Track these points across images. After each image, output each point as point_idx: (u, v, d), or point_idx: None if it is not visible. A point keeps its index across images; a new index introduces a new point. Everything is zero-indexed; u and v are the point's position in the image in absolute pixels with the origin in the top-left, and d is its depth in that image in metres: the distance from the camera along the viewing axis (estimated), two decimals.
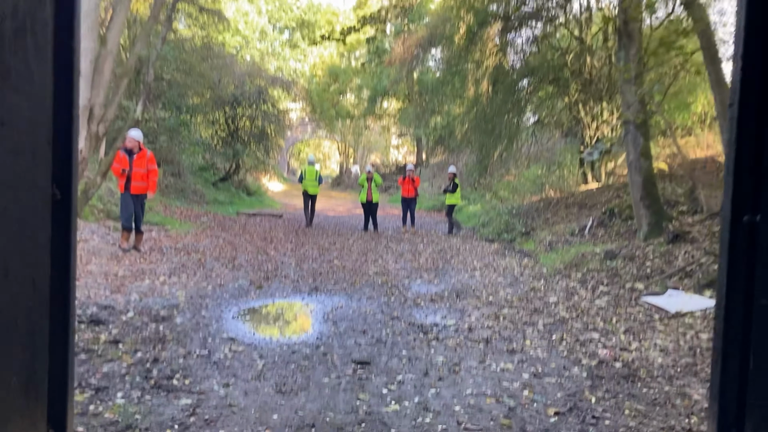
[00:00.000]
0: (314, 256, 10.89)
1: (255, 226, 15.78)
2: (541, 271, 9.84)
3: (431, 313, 6.84)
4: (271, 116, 25.13)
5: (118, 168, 9.56)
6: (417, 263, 10.61)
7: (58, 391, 1.96)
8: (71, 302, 2.00)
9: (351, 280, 8.72)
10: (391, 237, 14.84)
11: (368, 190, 15.71)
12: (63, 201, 1.90)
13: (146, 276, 8.04)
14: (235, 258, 10.07)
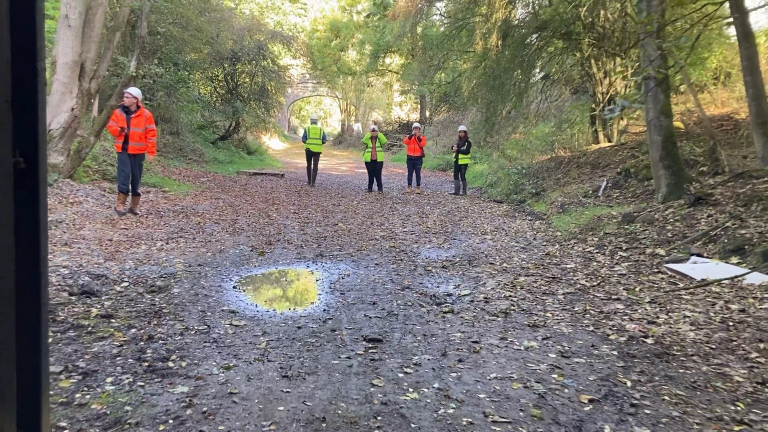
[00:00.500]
0: (318, 219, 10.49)
1: (256, 186, 15.35)
2: (555, 235, 9.45)
3: (444, 281, 6.46)
4: (271, 73, 24.42)
5: (116, 127, 9.04)
6: (425, 226, 10.22)
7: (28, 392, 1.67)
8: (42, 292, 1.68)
9: (357, 245, 8.33)
10: (397, 198, 14.42)
11: (373, 150, 15.23)
12: (29, 170, 1.58)
13: (143, 241, 7.66)
14: (236, 221, 9.68)
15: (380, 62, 35.36)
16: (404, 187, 17.00)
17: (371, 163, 15.31)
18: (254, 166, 21.87)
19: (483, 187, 17.00)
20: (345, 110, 54.99)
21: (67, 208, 8.72)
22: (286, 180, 17.95)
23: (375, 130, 15.54)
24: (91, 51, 9.88)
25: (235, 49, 22.73)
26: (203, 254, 7.18)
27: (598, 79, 15.95)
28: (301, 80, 48.27)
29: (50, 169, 9.50)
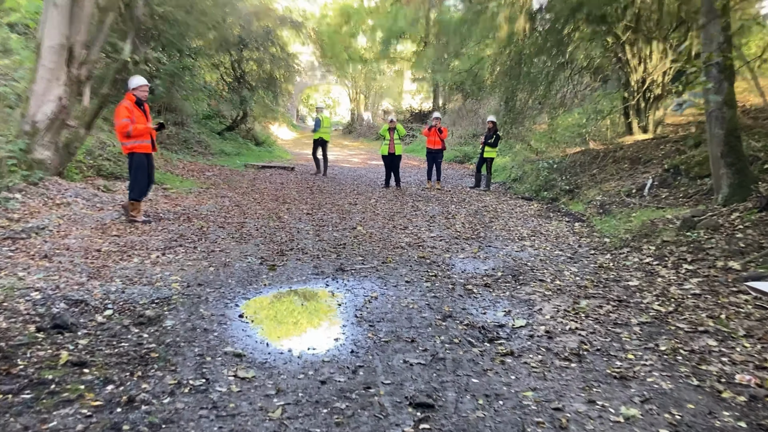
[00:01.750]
0: (334, 221, 9.44)
1: (265, 181, 14.31)
2: (602, 242, 8.36)
3: (490, 305, 5.41)
4: (280, 60, 23.30)
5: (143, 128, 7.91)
6: (454, 230, 9.15)
7: None
8: None
9: (381, 254, 7.27)
10: (417, 195, 13.34)
11: (390, 142, 14.13)
12: None
13: (135, 252, 6.63)
14: (243, 225, 8.64)
15: (392, 49, 34.16)
16: (423, 182, 15.92)
17: (389, 156, 14.23)
18: (263, 158, 20.82)
19: (507, 182, 15.90)
20: (354, 99, 53.86)
21: (53, 212, 7.70)
22: (296, 174, 16.90)
23: (393, 120, 14.43)
24: (81, 33, 8.81)
25: (243, 35, 21.61)
26: (205, 269, 6.14)
27: (633, 66, 14.76)
28: (309, 68, 47.12)
29: (35, 166, 8.49)
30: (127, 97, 7.91)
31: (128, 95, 7.93)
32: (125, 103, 7.83)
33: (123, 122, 7.70)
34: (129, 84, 8.02)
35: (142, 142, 8.02)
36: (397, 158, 14.29)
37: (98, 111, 9.11)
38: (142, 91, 8.02)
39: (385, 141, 14.23)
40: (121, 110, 7.75)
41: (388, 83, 50.83)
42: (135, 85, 7.98)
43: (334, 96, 66.87)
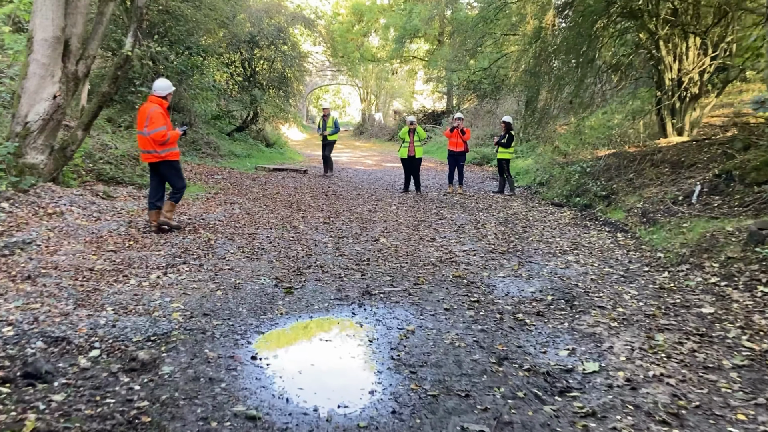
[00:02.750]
0: (354, 231, 8.59)
1: (277, 185, 13.49)
2: (655, 257, 7.47)
3: (549, 341, 4.55)
4: (291, 58, 22.48)
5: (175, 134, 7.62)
6: (486, 241, 8.28)
7: None
8: None
9: (411, 273, 6.42)
10: (439, 200, 12.48)
11: (410, 145, 13.28)
12: None
13: (133, 271, 5.81)
14: (255, 237, 7.81)
15: (406, 48, 33.31)
16: (443, 186, 15.06)
17: (408, 159, 13.37)
18: (274, 160, 20.02)
19: (532, 186, 15.01)
20: (365, 99, 53.10)
21: (43, 223, 6.89)
22: (309, 177, 16.08)
23: (413, 122, 13.55)
24: (78, 25, 8.02)
25: (253, 32, 20.83)
26: (211, 293, 5.31)
27: (667, 64, 13.83)
28: (320, 68, 46.32)
29: (26, 171, 7.70)
30: (158, 102, 7.48)
31: (159, 100, 7.50)
32: (159, 109, 7.41)
33: (162, 131, 7.37)
34: (158, 87, 7.57)
35: (173, 150, 7.67)
36: (417, 161, 13.44)
37: (97, 111, 8.31)
38: (170, 95, 7.71)
39: (405, 143, 13.38)
40: (158, 117, 7.35)
41: (399, 83, 50.04)
42: (168, 90, 7.63)
43: (344, 96, 66.17)
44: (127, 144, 11.47)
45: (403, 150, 13.40)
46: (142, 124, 7.39)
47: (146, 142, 7.44)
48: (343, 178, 16.08)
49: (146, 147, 7.49)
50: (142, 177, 10.53)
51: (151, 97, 7.56)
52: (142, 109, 7.49)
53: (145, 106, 7.47)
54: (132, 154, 11.19)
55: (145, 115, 7.39)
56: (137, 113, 7.63)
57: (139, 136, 7.56)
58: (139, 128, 7.50)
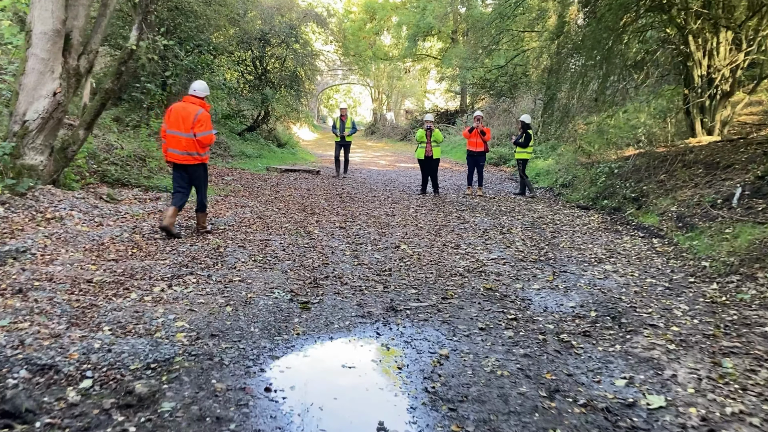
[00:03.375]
0: (373, 237, 8.06)
1: (289, 187, 12.98)
2: (699, 266, 6.89)
3: (602, 367, 4.00)
4: (303, 57, 21.98)
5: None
6: (515, 248, 7.73)
7: None
8: None
9: (438, 285, 5.88)
10: (459, 203, 11.92)
11: (428, 145, 12.72)
12: None
13: (135, 283, 5.31)
14: (267, 243, 7.29)
15: (418, 46, 32.74)
16: (461, 188, 14.51)
17: (426, 160, 12.82)
18: (286, 160, 19.53)
19: (554, 188, 14.42)
20: (377, 99, 52.62)
21: (40, 229, 6.41)
22: (323, 178, 15.57)
23: (431, 122, 12.96)
24: (80, 17, 7.53)
25: (265, 30, 20.36)
26: (220, 310, 4.79)
27: (697, 60, 13.21)
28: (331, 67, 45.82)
29: (24, 173, 7.23)
30: (200, 103, 7.27)
31: (200, 101, 7.30)
32: (205, 111, 7.24)
33: (212, 134, 7.29)
34: (198, 88, 7.36)
35: (207, 153, 7.54)
36: (435, 162, 12.89)
37: (100, 109, 7.83)
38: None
39: (422, 144, 12.81)
40: (207, 119, 7.21)
41: (411, 83, 49.52)
42: (207, 92, 7.50)
43: (355, 96, 65.70)
44: (134, 144, 11.00)
45: (420, 150, 12.85)
46: (180, 124, 7.06)
47: (189, 144, 7.12)
48: (357, 179, 15.56)
49: (187, 149, 7.15)
50: (149, 179, 10.06)
51: (190, 98, 7.24)
52: (178, 109, 7.13)
53: (184, 107, 7.13)
54: (138, 154, 10.72)
55: (187, 115, 7.07)
56: (169, 113, 7.21)
57: (176, 137, 7.11)
58: (176, 128, 7.09)
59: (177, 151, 7.16)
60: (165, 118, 7.29)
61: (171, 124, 7.13)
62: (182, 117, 7.08)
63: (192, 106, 7.15)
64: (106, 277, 5.36)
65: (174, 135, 7.12)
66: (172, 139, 7.15)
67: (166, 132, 7.18)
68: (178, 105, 7.22)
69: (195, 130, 7.06)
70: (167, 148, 7.21)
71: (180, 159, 7.21)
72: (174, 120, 7.11)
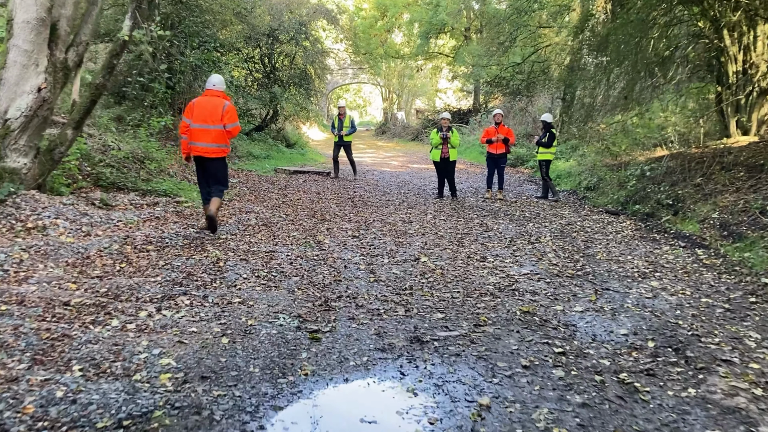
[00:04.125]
0: (389, 247, 7.32)
1: (298, 190, 12.27)
2: (757, 282, 6.11)
3: (680, 422, 3.24)
4: (313, 54, 21.28)
5: None
6: (548, 261, 6.96)
7: None
8: None
9: (467, 308, 5.13)
10: (479, 207, 11.17)
11: (444, 146, 11.96)
12: None
13: (119, 306, 4.59)
14: (273, 255, 6.57)
15: (432, 44, 31.94)
16: (479, 191, 13.75)
17: (442, 162, 12.07)
18: (294, 161, 18.83)
19: (577, 191, 13.63)
20: (387, 98, 51.95)
21: (17, 241, 5.72)
22: (333, 180, 14.85)
23: (448, 120, 12.14)
24: (68, 5, 6.84)
25: (273, 26, 19.66)
26: (215, 341, 4.06)
27: (731, 55, 12.37)
28: (341, 66, 45.13)
29: (6, 177, 6.54)
30: (224, 96, 7.42)
31: (224, 95, 7.44)
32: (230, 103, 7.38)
33: (239, 125, 7.46)
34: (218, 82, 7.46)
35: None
36: (451, 164, 12.14)
37: (90, 106, 7.13)
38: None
39: (437, 145, 12.04)
40: (234, 111, 7.34)
41: (422, 81, 48.79)
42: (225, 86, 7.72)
43: (364, 95, 65.03)
44: (132, 144, 10.31)
45: (435, 152, 12.08)
46: (208, 117, 7.13)
47: (219, 135, 7.23)
48: (369, 182, 14.83)
49: (217, 140, 7.24)
50: (148, 182, 9.37)
51: (212, 91, 7.34)
52: (203, 103, 7.21)
53: (208, 100, 7.23)
54: (137, 155, 10.03)
55: (213, 108, 7.16)
56: (191, 107, 7.24)
57: (204, 130, 7.15)
58: (203, 122, 7.14)
59: (205, 144, 7.19)
60: (186, 113, 7.28)
61: (196, 117, 7.15)
62: (208, 110, 7.15)
63: (216, 99, 7.25)
64: (86, 299, 4.64)
65: (202, 128, 7.15)
66: (199, 132, 7.16)
67: (191, 126, 7.17)
68: (202, 99, 7.28)
69: (225, 121, 7.16)
70: (191, 143, 7.23)
71: (208, 152, 7.23)
72: (199, 113, 7.15)
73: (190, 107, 7.23)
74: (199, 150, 7.21)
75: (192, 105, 7.24)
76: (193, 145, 7.22)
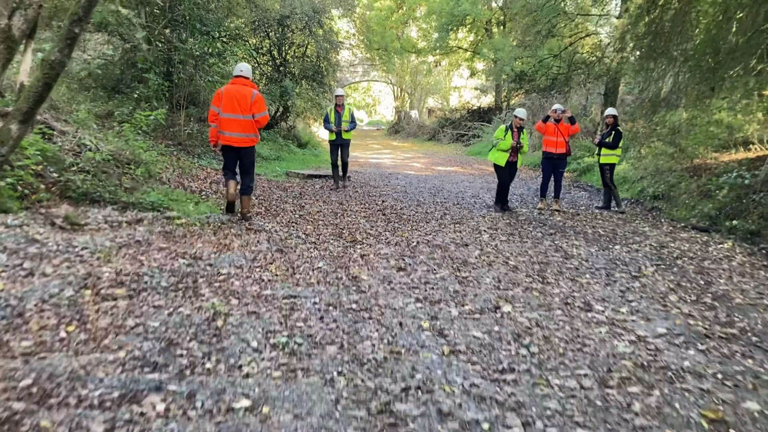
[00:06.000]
0: (452, 287, 5.35)
1: (316, 199, 10.33)
2: None
3: None
4: (327, 44, 19.34)
5: None
6: (675, 309, 4.97)
7: None
8: None
9: (616, 409, 3.17)
10: (536, 221, 9.19)
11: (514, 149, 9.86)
12: None
13: (41, 423, 2.65)
14: (294, 305, 4.60)
15: (452, 37, 29.93)
16: (523, 197, 11.78)
17: (507, 167, 9.94)
18: (308, 163, 16.90)
19: (642, 200, 11.64)
20: (399, 96, 50.09)
21: None
22: (354, 185, 12.92)
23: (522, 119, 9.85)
24: None
25: (285, 13, 17.75)
26: None
27: None
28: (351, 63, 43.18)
29: None
30: (252, 85, 7.48)
31: (252, 83, 7.50)
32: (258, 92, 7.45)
33: (267, 114, 7.58)
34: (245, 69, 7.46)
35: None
36: (515, 169, 10.08)
37: (43, 91, 5.20)
38: None
39: (506, 149, 9.86)
40: (263, 100, 7.48)
41: (435, 79, 46.87)
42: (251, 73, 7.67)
43: (374, 94, 63.18)
44: (116, 144, 8.39)
45: (500, 155, 9.90)
46: (237, 106, 7.21)
47: (248, 125, 7.35)
48: (396, 188, 12.88)
49: (246, 130, 7.36)
50: (131, 192, 7.45)
51: (240, 80, 7.35)
52: (232, 92, 7.23)
53: (237, 89, 7.26)
54: (122, 158, 8.12)
55: (243, 97, 7.23)
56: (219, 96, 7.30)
57: (234, 120, 7.26)
58: (232, 111, 7.24)
59: (236, 134, 7.30)
60: (214, 101, 7.36)
61: (225, 107, 7.22)
62: (237, 99, 7.21)
63: (245, 88, 7.29)
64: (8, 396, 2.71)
65: (232, 118, 7.24)
66: (229, 122, 7.26)
67: (220, 115, 7.26)
68: (231, 87, 7.29)
69: (253, 110, 7.27)
70: (220, 131, 7.33)
71: (239, 141, 7.33)
72: (229, 102, 7.21)
73: (218, 95, 7.27)
74: (228, 139, 7.29)
75: (220, 93, 7.26)
76: (222, 134, 7.30)
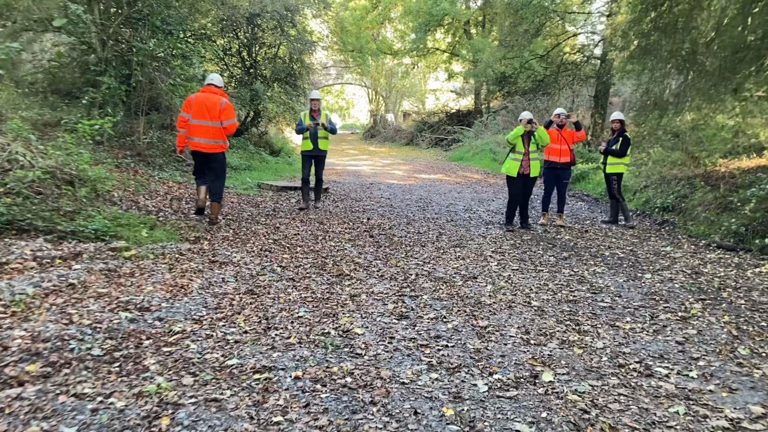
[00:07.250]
0: (471, 343, 4.23)
1: (293, 219, 9.15)
2: None
3: None
4: (300, 44, 18.17)
5: None
6: (748, 364, 3.93)
7: None
8: None
9: None
10: (545, 240, 8.14)
11: (525, 157, 8.65)
12: None
13: None
14: (269, 380, 3.44)
15: (430, 38, 28.93)
16: None
17: (520, 179, 8.81)
18: (281, 172, 15.66)
19: (649, 212, 10.69)
20: (374, 100, 49.08)
21: None
22: (334, 198, 11.76)
23: (532, 122, 8.76)
24: None
25: (254, 11, 16.54)
26: None
27: None
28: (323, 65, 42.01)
29: None
30: (221, 93, 7.67)
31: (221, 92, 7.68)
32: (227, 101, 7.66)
33: (236, 122, 7.84)
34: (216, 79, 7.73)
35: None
36: (531, 182, 8.91)
37: None
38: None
39: (516, 155, 8.77)
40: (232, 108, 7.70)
41: (411, 81, 45.97)
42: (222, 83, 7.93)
43: (347, 97, 62.04)
44: (58, 158, 7.11)
45: (512, 164, 8.73)
46: (206, 113, 7.42)
47: (217, 132, 7.54)
48: (380, 201, 11.74)
49: (215, 137, 7.55)
50: (73, 218, 6.21)
51: (210, 88, 7.59)
52: (201, 99, 7.46)
53: (207, 97, 7.49)
54: (62, 175, 6.86)
55: (212, 105, 7.44)
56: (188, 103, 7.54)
57: (203, 126, 7.47)
58: (201, 118, 7.44)
59: (204, 140, 7.52)
60: (184, 108, 7.57)
61: (195, 113, 7.43)
62: (207, 107, 7.43)
63: (215, 96, 7.53)
64: None
65: (201, 124, 7.46)
66: (198, 128, 7.48)
67: (189, 122, 7.45)
68: (200, 95, 7.53)
69: (222, 118, 7.48)
70: (189, 137, 7.53)
71: (208, 147, 7.54)
72: (198, 110, 7.43)
73: (188, 102, 7.51)
74: (197, 145, 7.50)
75: (190, 100, 7.50)
76: (191, 140, 7.50)
